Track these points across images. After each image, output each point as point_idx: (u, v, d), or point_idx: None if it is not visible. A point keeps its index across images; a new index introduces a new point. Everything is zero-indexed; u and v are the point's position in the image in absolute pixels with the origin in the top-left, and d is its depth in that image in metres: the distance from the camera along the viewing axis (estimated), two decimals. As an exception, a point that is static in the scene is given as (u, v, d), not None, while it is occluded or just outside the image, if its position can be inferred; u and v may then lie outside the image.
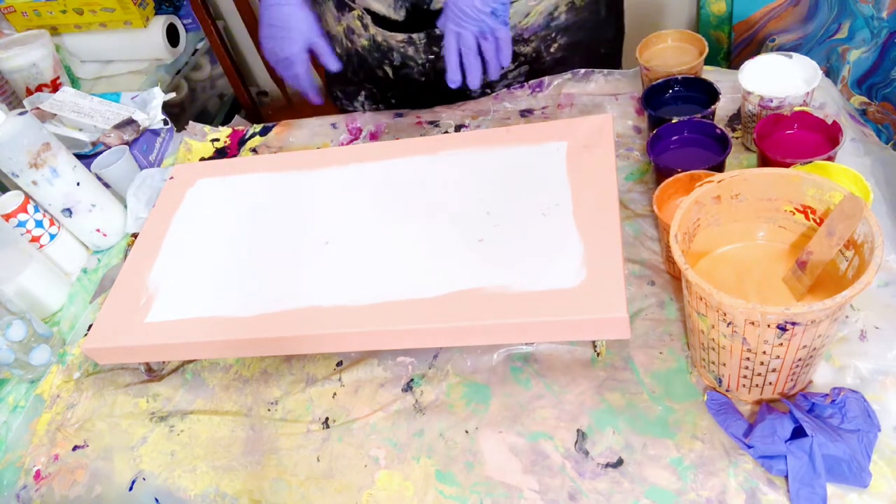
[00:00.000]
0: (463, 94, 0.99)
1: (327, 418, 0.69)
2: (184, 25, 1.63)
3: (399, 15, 0.88)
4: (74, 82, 1.55)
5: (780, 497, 0.53)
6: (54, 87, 1.40)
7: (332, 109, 1.10)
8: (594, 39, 0.96)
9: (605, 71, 0.94)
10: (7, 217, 0.87)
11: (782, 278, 0.57)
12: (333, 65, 0.88)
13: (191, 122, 1.10)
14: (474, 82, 0.78)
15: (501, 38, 0.75)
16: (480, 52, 0.77)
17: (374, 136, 0.99)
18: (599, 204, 0.67)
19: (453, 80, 0.78)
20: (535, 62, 0.95)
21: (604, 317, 0.58)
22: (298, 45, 0.86)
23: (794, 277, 0.56)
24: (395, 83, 0.98)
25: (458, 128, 0.95)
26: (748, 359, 0.53)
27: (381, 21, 0.90)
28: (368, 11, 0.90)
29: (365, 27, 0.93)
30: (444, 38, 0.77)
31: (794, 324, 0.47)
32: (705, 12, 1.45)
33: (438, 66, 0.93)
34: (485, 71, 0.78)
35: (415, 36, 0.90)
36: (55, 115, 1.09)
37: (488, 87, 0.98)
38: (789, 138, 0.70)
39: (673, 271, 0.69)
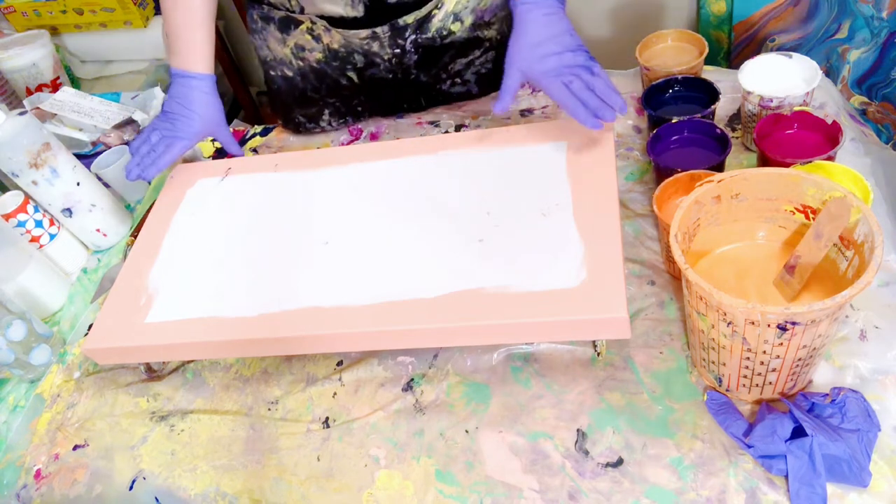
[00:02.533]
0: (436, 98, 0.98)
1: (327, 418, 0.69)
2: (184, 25, 1.62)
3: (358, 11, 0.85)
4: (74, 82, 1.55)
5: (780, 497, 0.53)
6: (54, 87, 1.40)
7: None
8: None
9: (606, 70, 0.94)
10: (7, 217, 0.87)
11: (773, 282, 0.57)
12: (237, 152, 0.90)
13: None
14: (609, 115, 0.68)
15: (597, 71, 0.70)
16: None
17: (374, 137, 0.99)
18: (599, 204, 0.67)
19: (595, 123, 0.68)
20: (500, 46, 0.94)
21: (604, 317, 0.58)
22: (195, 129, 0.86)
23: (783, 282, 0.56)
24: (362, 88, 0.96)
25: (458, 128, 0.95)
26: (748, 358, 0.53)
27: (338, 23, 0.88)
28: (322, 17, 0.87)
29: (316, 38, 0.90)
30: (554, 93, 0.70)
31: (794, 323, 0.47)
32: (705, 12, 1.45)
33: (405, 61, 0.92)
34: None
35: (378, 30, 0.87)
36: (55, 115, 1.09)
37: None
38: (789, 138, 0.70)
39: (673, 271, 0.69)
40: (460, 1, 0.87)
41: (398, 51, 0.90)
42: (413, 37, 0.89)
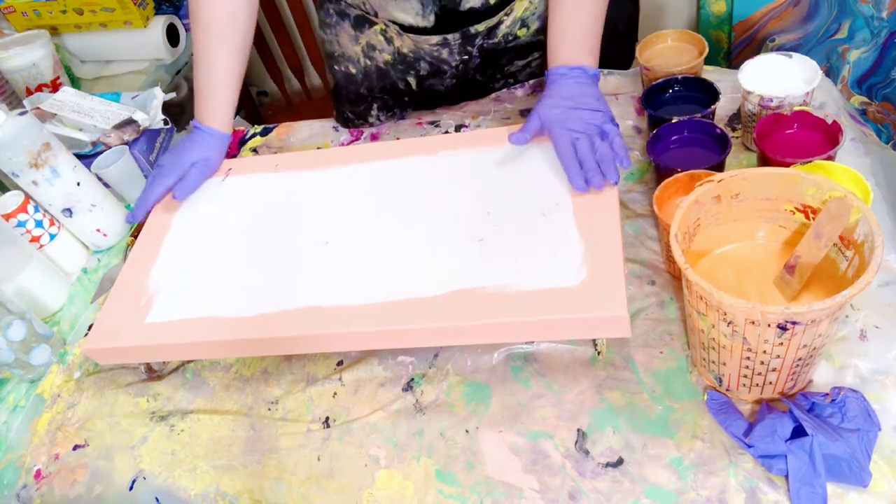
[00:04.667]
0: (487, 93, 0.99)
1: (327, 418, 0.69)
2: (184, 25, 1.62)
3: (428, 21, 0.86)
4: (74, 82, 1.55)
5: (780, 497, 0.53)
6: (54, 87, 1.40)
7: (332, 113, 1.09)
8: (611, 17, 0.87)
9: (605, 71, 0.94)
10: (7, 217, 0.87)
11: (773, 282, 0.57)
12: (179, 194, 0.83)
13: (191, 122, 1.10)
14: (597, 182, 0.68)
15: (610, 136, 0.70)
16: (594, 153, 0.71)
17: (374, 137, 0.99)
18: (599, 204, 0.67)
19: (580, 187, 0.69)
20: None
21: (604, 315, 0.58)
22: (192, 158, 0.86)
23: (783, 282, 0.56)
24: (417, 94, 0.97)
25: (458, 128, 0.95)
26: (748, 358, 0.53)
27: (409, 30, 0.89)
28: (394, 23, 0.89)
29: (388, 41, 0.91)
30: (558, 147, 0.71)
31: (794, 323, 0.47)
32: (705, 12, 1.45)
33: (470, 66, 0.93)
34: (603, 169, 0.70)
35: (449, 37, 0.88)
36: (55, 115, 1.09)
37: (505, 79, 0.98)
38: (789, 138, 0.70)
39: (673, 271, 0.69)
40: (528, 7, 0.88)
41: (465, 57, 0.91)
42: (481, 42, 0.90)
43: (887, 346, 0.59)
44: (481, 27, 0.87)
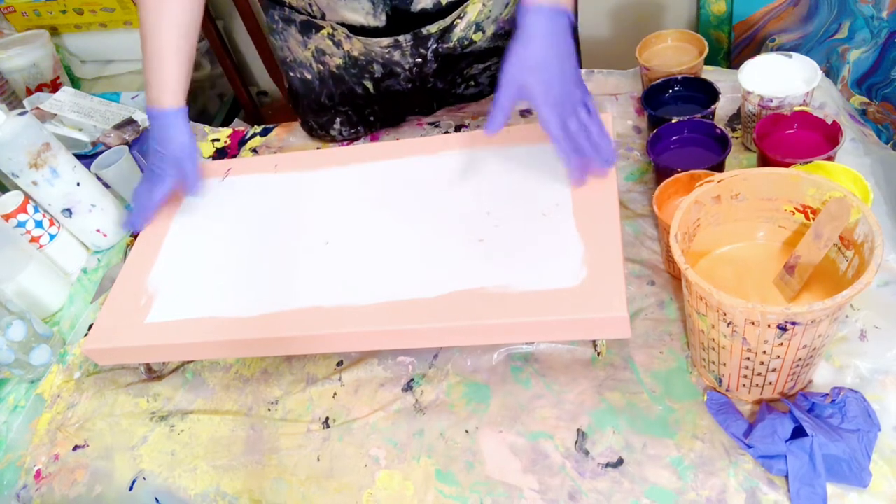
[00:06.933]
0: (448, 101, 0.98)
1: (327, 418, 0.69)
2: (184, 25, 1.63)
3: (380, 20, 0.84)
4: (74, 82, 1.55)
5: (781, 497, 0.53)
6: (54, 87, 1.40)
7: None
8: None
9: (606, 71, 0.94)
10: (7, 217, 0.87)
11: (773, 282, 0.57)
12: (192, 188, 0.82)
13: (191, 122, 1.10)
14: (599, 171, 0.68)
15: (592, 109, 0.68)
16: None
17: (374, 138, 0.99)
18: (599, 204, 0.67)
19: (580, 182, 0.69)
20: None
21: (604, 316, 0.58)
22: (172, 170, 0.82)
23: (783, 282, 0.56)
24: (377, 98, 0.95)
25: (458, 128, 0.95)
26: (748, 359, 0.53)
27: (359, 31, 0.86)
28: (344, 25, 0.86)
29: (337, 44, 0.88)
30: (550, 127, 0.68)
31: (794, 323, 0.47)
32: (705, 12, 1.45)
33: (425, 70, 0.92)
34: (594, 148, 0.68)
35: (401, 38, 0.86)
36: (55, 115, 1.09)
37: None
38: (789, 138, 0.71)
39: (673, 271, 0.69)
40: (482, 11, 0.86)
41: (419, 60, 0.89)
42: (434, 46, 0.88)
43: (887, 346, 0.59)
44: (434, 28, 0.85)
